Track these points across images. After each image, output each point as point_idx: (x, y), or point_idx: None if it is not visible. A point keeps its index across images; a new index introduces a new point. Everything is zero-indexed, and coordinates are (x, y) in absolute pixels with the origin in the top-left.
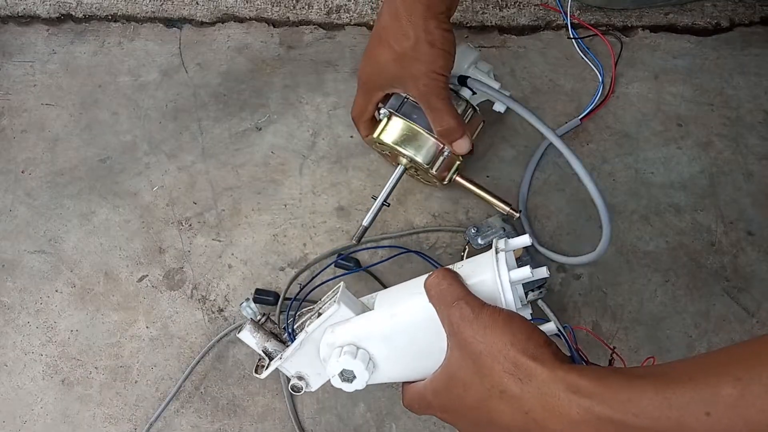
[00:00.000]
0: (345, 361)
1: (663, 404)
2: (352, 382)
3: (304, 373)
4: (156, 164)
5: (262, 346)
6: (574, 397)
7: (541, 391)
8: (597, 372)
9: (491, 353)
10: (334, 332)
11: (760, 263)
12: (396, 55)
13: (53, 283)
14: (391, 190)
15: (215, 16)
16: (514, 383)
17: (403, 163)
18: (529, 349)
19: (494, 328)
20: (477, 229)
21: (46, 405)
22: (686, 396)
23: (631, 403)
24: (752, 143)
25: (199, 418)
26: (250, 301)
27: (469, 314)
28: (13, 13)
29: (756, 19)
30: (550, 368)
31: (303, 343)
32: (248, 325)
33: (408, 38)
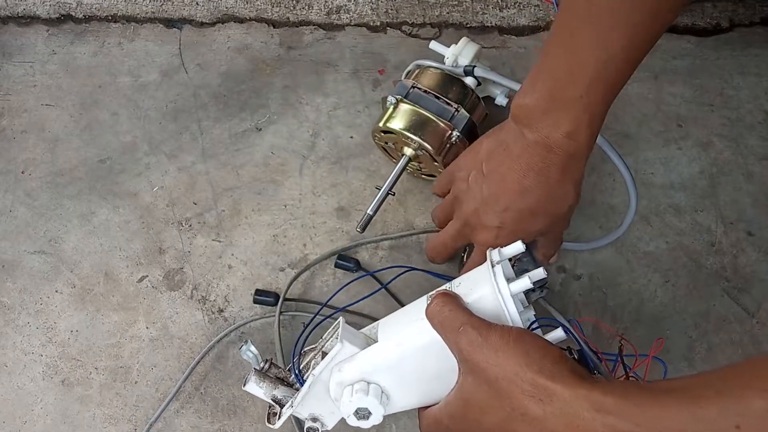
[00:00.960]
0: (358, 399)
1: (690, 419)
2: (368, 419)
3: (317, 414)
4: (156, 165)
5: (270, 395)
6: (598, 416)
7: (564, 411)
8: (620, 388)
9: (507, 377)
10: (342, 371)
11: (760, 263)
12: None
13: (53, 284)
14: (396, 179)
15: (215, 16)
16: (535, 405)
17: (409, 153)
18: (545, 367)
19: (506, 351)
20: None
21: (46, 405)
22: (714, 410)
23: (657, 420)
24: (752, 144)
25: (199, 419)
26: (250, 344)
27: (477, 338)
28: (13, 14)
29: (756, 19)
30: (571, 386)
31: (312, 386)
32: (253, 376)
33: (568, 204)
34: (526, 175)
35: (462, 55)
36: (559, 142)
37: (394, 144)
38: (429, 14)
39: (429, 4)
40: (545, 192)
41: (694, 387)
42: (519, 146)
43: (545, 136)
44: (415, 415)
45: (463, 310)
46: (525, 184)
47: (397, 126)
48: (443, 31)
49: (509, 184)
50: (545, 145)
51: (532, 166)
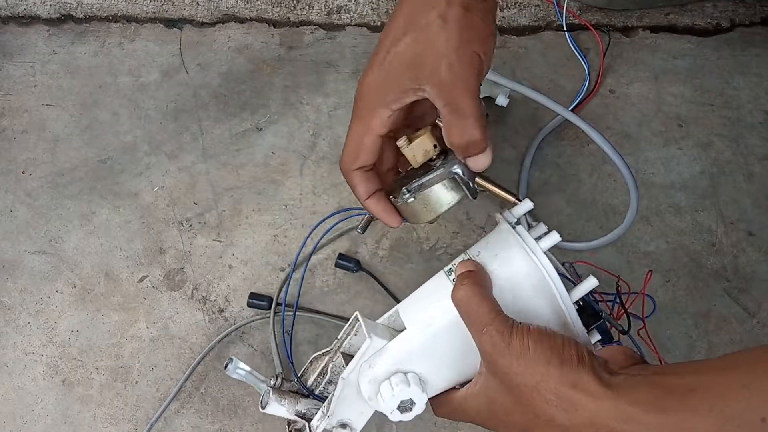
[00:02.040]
0: (400, 392)
1: (719, 420)
2: (412, 410)
3: (346, 419)
4: (156, 165)
5: (294, 411)
6: (627, 427)
7: (591, 421)
8: (646, 394)
9: (529, 385)
10: (374, 366)
11: (761, 264)
12: (416, 33)
13: (54, 284)
14: None
15: (216, 16)
16: (560, 413)
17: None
18: (566, 376)
19: (527, 358)
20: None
21: (46, 405)
22: (741, 406)
23: (686, 424)
24: (753, 144)
25: (200, 419)
26: (236, 361)
27: (500, 343)
28: (13, 14)
29: (756, 19)
30: (595, 396)
31: (342, 390)
32: (271, 395)
33: (437, 5)
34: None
35: None
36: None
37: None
38: None
39: None
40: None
41: (720, 383)
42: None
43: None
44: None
45: (488, 303)
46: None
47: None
48: None
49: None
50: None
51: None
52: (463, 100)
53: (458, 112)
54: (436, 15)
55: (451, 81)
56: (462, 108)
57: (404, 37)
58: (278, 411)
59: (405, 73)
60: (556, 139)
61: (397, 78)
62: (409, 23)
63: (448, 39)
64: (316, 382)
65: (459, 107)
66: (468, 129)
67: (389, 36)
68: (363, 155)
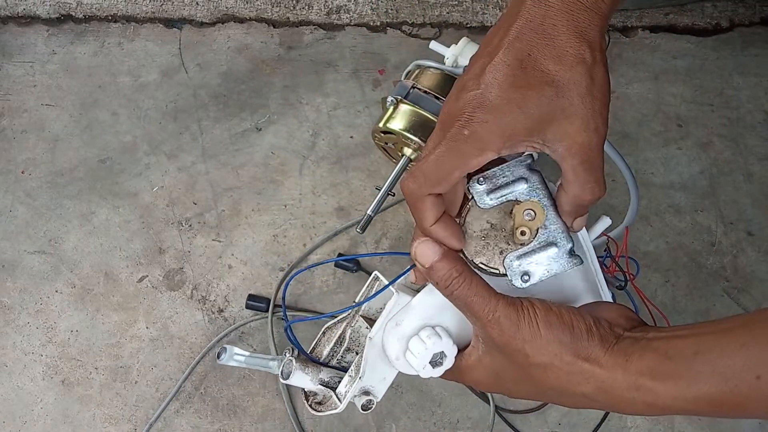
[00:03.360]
0: (433, 344)
1: (720, 380)
2: (442, 364)
3: (368, 386)
4: (156, 165)
5: (318, 380)
6: (637, 395)
7: (602, 389)
8: (653, 360)
9: (542, 365)
10: (401, 324)
11: (760, 263)
12: (553, 84)
13: (53, 284)
14: (396, 179)
15: (215, 16)
16: (572, 386)
17: (409, 154)
18: (579, 351)
19: (538, 341)
20: (486, 180)
21: (46, 405)
22: (738, 365)
23: (691, 388)
24: (752, 144)
25: (199, 419)
26: (230, 348)
27: (509, 328)
28: (13, 14)
29: (756, 19)
30: (606, 366)
31: (370, 353)
32: (295, 363)
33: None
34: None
35: (462, 55)
36: None
37: (394, 144)
38: (429, 14)
39: (429, 4)
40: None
41: (720, 344)
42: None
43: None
44: (414, 417)
45: (488, 290)
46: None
47: (396, 126)
48: (443, 31)
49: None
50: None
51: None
52: (594, 166)
53: (587, 177)
54: (584, 71)
55: (586, 149)
56: (592, 173)
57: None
58: (302, 380)
59: (533, 122)
60: None
61: (523, 123)
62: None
63: (592, 103)
64: (333, 351)
65: (589, 172)
66: (595, 191)
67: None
68: (445, 185)
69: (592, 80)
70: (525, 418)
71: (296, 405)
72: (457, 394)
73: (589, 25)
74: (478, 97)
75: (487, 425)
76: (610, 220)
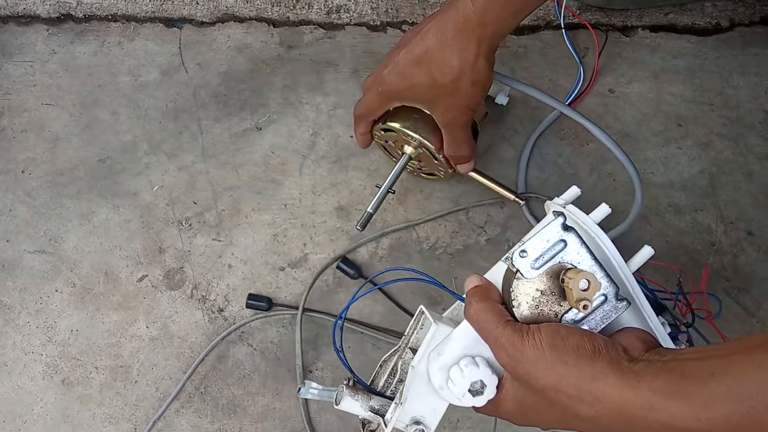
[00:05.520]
0: (470, 372)
1: (735, 400)
2: (483, 393)
3: (419, 416)
4: (156, 164)
5: (367, 407)
6: (650, 414)
7: (615, 410)
8: (666, 382)
9: (551, 387)
10: (442, 354)
11: (760, 263)
12: (433, 83)
13: (53, 283)
14: (396, 177)
15: (215, 15)
16: (585, 407)
17: (409, 152)
18: (585, 371)
19: (543, 362)
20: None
21: (46, 405)
22: (754, 387)
23: (706, 409)
24: (752, 143)
25: (199, 418)
26: (309, 383)
27: (514, 354)
28: (13, 13)
29: (756, 19)
30: (616, 387)
31: (412, 381)
32: (346, 390)
33: (452, 72)
34: (428, 23)
35: None
36: (462, 1)
37: (394, 142)
38: (429, 13)
39: (429, 3)
40: (437, 45)
41: (736, 365)
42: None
43: None
44: None
45: (496, 315)
46: (425, 30)
47: (397, 124)
48: None
49: (413, 31)
50: (453, 1)
51: (437, 18)
52: (459, 133)
53: (455, 140)
54: (452, 78)
55: (451, 123)
56: (457, 137)
57: (424, 77)
58: (352, 407)
59: (417, 101)
60: (556, 139)
61: (414, 98)
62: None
63: (454, 101)
64: (387, 383)
65: (455, 137)
66: (461, 148)
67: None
68: (373, 116)
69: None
70: None
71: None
72: None
73: (467, 45)
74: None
75: (488, 428)
76: (652, 249)
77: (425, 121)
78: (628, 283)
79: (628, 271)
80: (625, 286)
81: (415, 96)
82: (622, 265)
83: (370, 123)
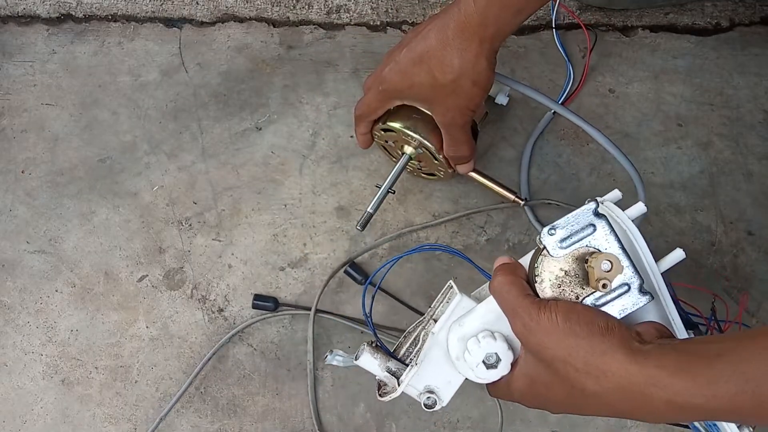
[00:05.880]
0: (487, 345)
1: (740, 380)
2: (497, 367)
3: (433, 386)
4: (156, 164)
5: (384, 367)
6: (655, 391)
7: (619, 386)
8: (672, 359)
9: (561, 358)
10: (463, 325)
11: (760, 263)
12: (434, 82)
13: (53, 283)
14: (396, 177)
15: (215, 16)
16: (591, 382)
17: (409, 152)
18: (594, 345)
19: (556, 333)
20: (557, 230)
21: (46, 405)
22: (760, 369)
23: (710, 387)
24: (752, 143)
25: (199, 418)
26: (336, 351)
27: (529, 323)
28: (13, 13)
29: (756, 19)
30: (622, 362)
31: (430, 349)
32: (366, 347)
33: (453, 71)
34: (430, 23)
35: None
36: (464, 1)
37: (394, 142)
38: (429, 13)
39: (429, 3)
40: (438, 44)
41: (743, 348)
42: (444, 9)
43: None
44: (414, 416)
45: (518, 288)
46: (426, 29)
47: (397, 124)
48: None
49: (415, 31)
50: (455, 2)
51: (439, 17)
52: (459, 134)
53: (454, 140)
54: (453, 77)
55: (451, 123)
56: (457, 138)
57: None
58: (370, 364)
59: (417, 100)
60: (556, 139)
61: (415, 98)
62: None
63: (454, 100)
64: (408, 351)
65: (455, 137)
66: (460, 149)
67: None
68: (374, 115)
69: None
70: (525, 418)
71: (318, 398)
72: (457, 393)
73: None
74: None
75: (488, 428)
76: (683, 253)
77: (425, 121)
78: (655, 281)
79: (656, 269)
80: (651, 282)
81: (416, 95)
82: (651, 262)
83: (370, 123)
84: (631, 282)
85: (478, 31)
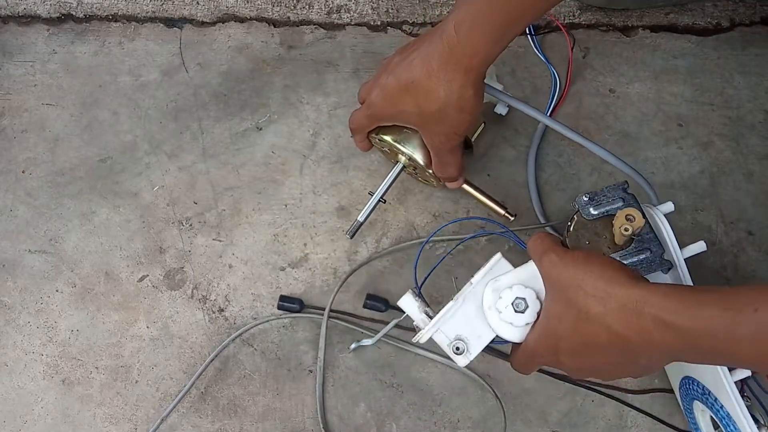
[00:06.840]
0: (518, 290)
1: (720, 307)
2: (525, 312)
3: (464, 336)
4: (156, 164)
5: (423, 310)
6: (646, 307)
7: (620, 305)
8: (668, 287)
9: (574, 284)
10: (499, 280)
11: (761, 263)
12: (420, 111)
13: (54, 283)
14: (388, 187)
15: (216, 15)
16: (596, 304)
17: (402, 161)
18: (605, 274)
19: (576, 266)
20: (590, 197)
21: (46, 405)
22: (741, 300)
23: (692, 310)
24: (753, 143)
25: (200, 418)
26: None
27: (555, 259)
28: (13, 13)
29: (756, 19)
30: (626, 287)
31: (467, 299)
32: (410, 291)
33: (438, 102)
34: (415, 49)
35: None
36: (445, 28)
37: (389, 150)
38: (430, 13)
39: (429, 3)
40: (423, 75)
41: (736, 289)
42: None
43: (442, 22)
44: (415, 416)
45: (552, 239)
46: (411, 57)
47: (388, 137)
48: None
49: (401, 56)
50: (438, 30)
51: (424, 44)
52: (447, 157)
53: (443, 162)
54: (438, 107)
55: (439, 147)
56: (446, 161)
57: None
58: (410, 306)
59: (405, 124)
60: (556, 139)
61: (403, 122)
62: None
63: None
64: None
65: (444, 160)
66: (449, 171)
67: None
68: (365, 130)
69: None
70: (526, 419)
71: (326, 399)
72: (458, 393)
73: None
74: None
75: (489, 427)
76: (705, 245)
77: (416, 135)
78: (677, 262)
79: (680, 254)
80: (673, 258)
81: (404, 120)
82: (675, 247)
83: (365, 134)
84: (651, 248)
85: (462, 61)
